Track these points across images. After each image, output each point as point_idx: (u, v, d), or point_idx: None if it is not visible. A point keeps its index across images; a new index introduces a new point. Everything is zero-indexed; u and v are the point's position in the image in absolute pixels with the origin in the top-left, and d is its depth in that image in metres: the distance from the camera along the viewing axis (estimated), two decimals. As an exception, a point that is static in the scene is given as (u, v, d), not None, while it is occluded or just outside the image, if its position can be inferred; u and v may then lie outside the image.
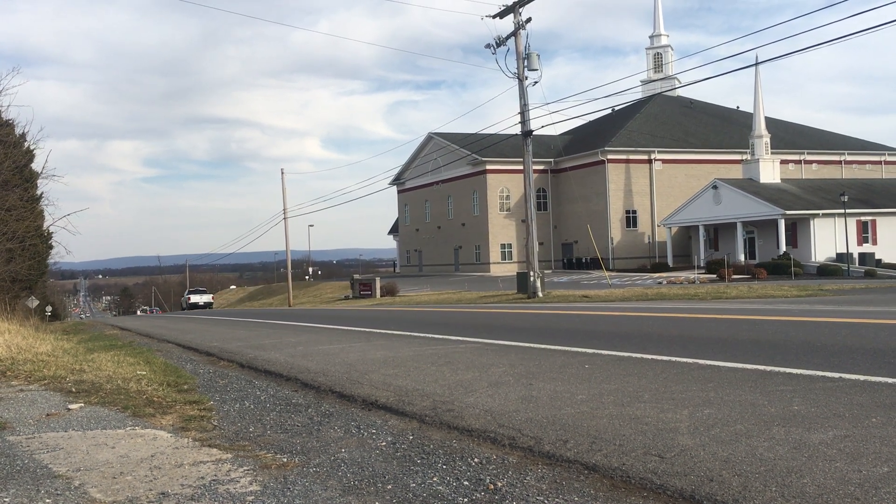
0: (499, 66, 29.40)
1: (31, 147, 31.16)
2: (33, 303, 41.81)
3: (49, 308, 57.45)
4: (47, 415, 6.33)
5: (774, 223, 52.11)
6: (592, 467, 4.06)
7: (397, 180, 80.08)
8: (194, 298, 64.46)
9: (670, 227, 61.05)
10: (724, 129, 71.03)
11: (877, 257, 51.70)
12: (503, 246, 68.68)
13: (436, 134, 72.42)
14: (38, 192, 33.36)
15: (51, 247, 36.87)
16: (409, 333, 12.84)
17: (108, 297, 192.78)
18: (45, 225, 34.19)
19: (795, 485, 3.51)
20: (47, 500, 3.83)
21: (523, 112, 29.76)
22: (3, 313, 22.31)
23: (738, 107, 77.70)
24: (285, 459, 4.62)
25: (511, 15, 29.45)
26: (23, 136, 30.91)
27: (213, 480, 4.16)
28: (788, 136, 70.10)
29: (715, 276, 44.86)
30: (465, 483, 3.99)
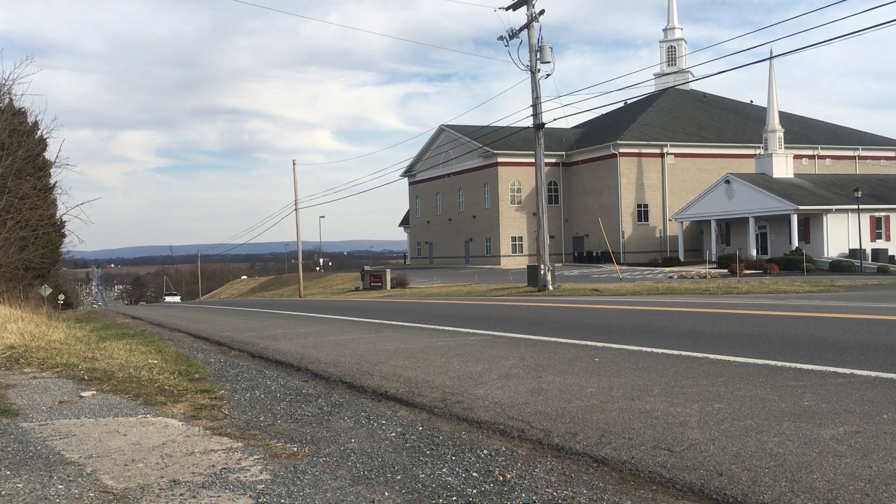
0: (511, 59, 29.34)
1: (45, 136, 31.29)
2: (46, 291, 42.08)
3: (62, 296, 57.82)
4: (60, 402, 6.38)
5: (787, 218, 51.84)
6: (601, 460, 4.07)
7: (408, 172, 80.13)
8: (168, 299, 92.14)
9: (682, 222, 60.82)
10: (737, 123, 70.61)
11: (890, 254, 51.39)
12: (514, 239, 68.61)
13: (447, 126, 72.33)
14: (52, 181, 33.54)
15: (64, 235, 37.06)
16: (419, 325, 12.86)
17: (121, 287, 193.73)
18: (59, 214, 34.37)
19: (805, 480, 3.51)
20: (60, 487, 3.87)
21: (535, 105, 29.68)
22: (17, 301, 22.47)
23: (751, 101, 77.22)
24: (295, 449, 4.64)
25: (524, 7, 29.36)
26: (35, 124, 31.04)
27: (224, 469, 4.19)
28: (802, 131, 69.63)
29: (726, 270, 44.68)
30: (475, 474, 4.00)
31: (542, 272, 29.67)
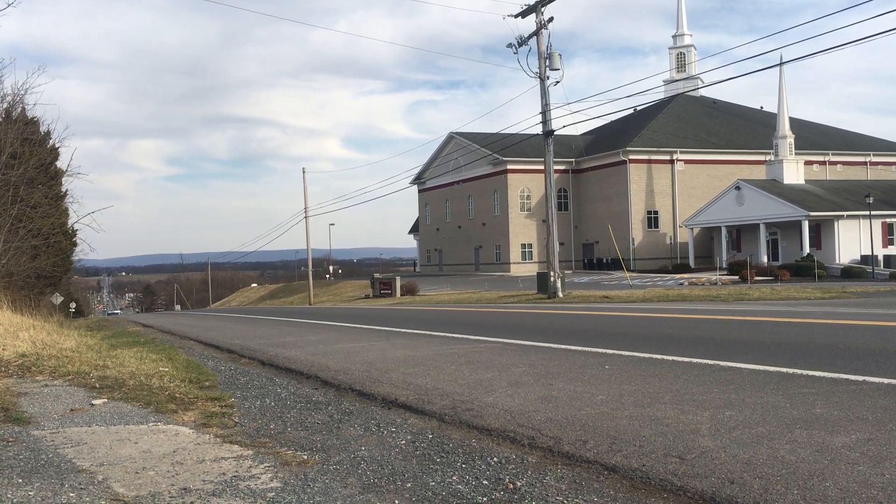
0: (520, 66, 29.35)
1: (56, 145, 31.54)
2: (57, 299, 42.23)
3: (73, 304, 58.04)
4: (71, 410, 6.41)
5: (798, 224, 51.61)
6: (612, 468, 4.05)
7: (418, 180, 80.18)
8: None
9: (692, 228, 60.63)
10: (747, 129, 70.40)
11: (902, 259, 51.02)
12: (523, 246, 68.54)
13: (457, 134, 72.41)
14: (63, 190, 33.76)
15: (75, 244, 37.27)
16: (428, 333, 12.86)
17: (132, 295, 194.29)
18: (70, 222, 34.57)
19: (817, 488, 3.48)
20: (71, 494, 3.88)
21: (545, 112, 29.67)
22: (28, 309, 22.58)
23: (761, 107, 76.99)
24: (305, 457, 4.65)
25: (533, 14, 29.38)
26: (48, 133, 31.29)
27: (235, 476, 4.19)
28: (812, 137, 69.33)
29: (737, 277, 44.48)
30: (485, 482, 3.99)
31: (552, 279, 29.62)
